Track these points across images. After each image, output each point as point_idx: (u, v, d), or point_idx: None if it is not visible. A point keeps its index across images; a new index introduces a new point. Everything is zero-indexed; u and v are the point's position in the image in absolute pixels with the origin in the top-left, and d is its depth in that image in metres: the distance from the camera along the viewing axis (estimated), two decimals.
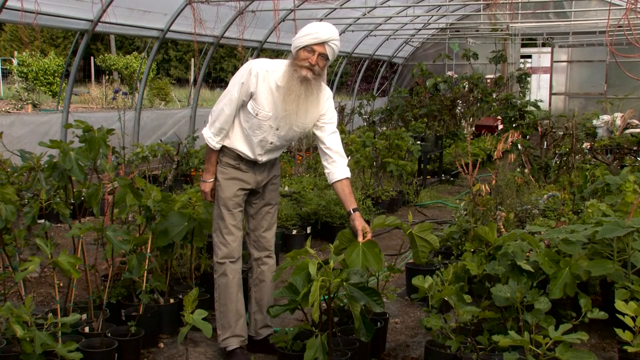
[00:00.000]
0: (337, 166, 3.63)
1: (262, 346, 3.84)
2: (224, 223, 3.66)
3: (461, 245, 4.87)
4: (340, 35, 3.55)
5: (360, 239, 3.43)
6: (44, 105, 18.48)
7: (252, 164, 3.67)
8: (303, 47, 3.40)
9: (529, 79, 17.87)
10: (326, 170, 3.67)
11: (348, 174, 3.65)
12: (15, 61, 21.72)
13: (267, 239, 3.82)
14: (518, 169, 7.89)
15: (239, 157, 3.64)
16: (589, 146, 8.33)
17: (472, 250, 3.92)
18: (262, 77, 3.47)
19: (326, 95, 3.61)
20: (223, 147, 3.64)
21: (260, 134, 3.56)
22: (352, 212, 3.54)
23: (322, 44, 3.40)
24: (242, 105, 3.54)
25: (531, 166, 7.56)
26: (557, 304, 3.52)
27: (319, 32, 3.38)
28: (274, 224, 3.86)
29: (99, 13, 8.70)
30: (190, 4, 9.74)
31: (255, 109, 3.51)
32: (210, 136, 3.61)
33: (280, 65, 3.52)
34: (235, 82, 3.52)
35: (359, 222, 3.49)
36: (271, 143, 3.61)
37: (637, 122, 13.02)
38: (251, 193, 3.76)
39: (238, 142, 3.60)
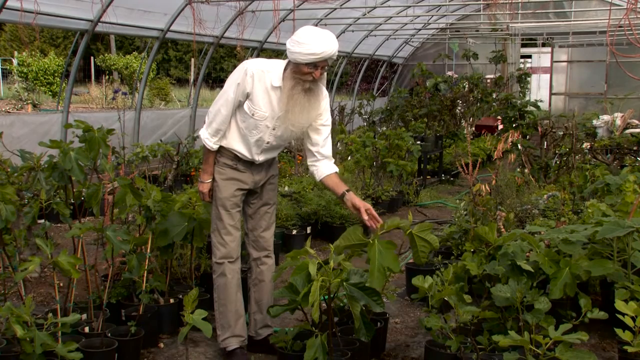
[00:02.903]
0: (326, 163, 3.69)
1: (262, 346, 3.84)
2: (222, 223, 3.66)
3: (461, 245, 4.87)
4: (340, 35, 3.56)
5: (364, 216, 3.45)
6: (44, 105, 18.46)
7: (250, 164, 3.67)
8: (306, 64, 3.37)
9: (529, 79, 17.87)
10: (313, 168, 3.71)
11: (336, 169, 3.71)
12: (15, 61, 21.71)
13: (266, 238, 3.82)
14: (518, 169, 7.89)
15: (237, 157, 3.64)
16: (589, 146, 8.33)
17: (472, 250, 3.92)
18: (257, 77, 3.47)
19: (323, 94, 3.62)
20: (220, 147, 3.64)
21: (256, 134, 3.57)
22: (345, 193, 3.58)
23: (326, 60, 3.39)
24: (239, 106, 3.55)
25: (531, 166, 7.56)
26: (557, 304, 3.52)
27: (324, 51, 3.31)
28: (273, 223, 3.87)
29: (99, 13, 8.70)
30: (190, 4, 9.74)
31: (251, 109, 3.51)
32: (207, 137, 3.61)
33: (275, 65, 3.52)
34: (231, 83, 3.52)
35: (357, 200, 3.54)
36: (267, 143, 3.61)
37: (637, 122, 13.01)
38: (249, 193, 3.76)
39: (235, 142, 3.61)
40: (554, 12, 16.43)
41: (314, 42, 3.31)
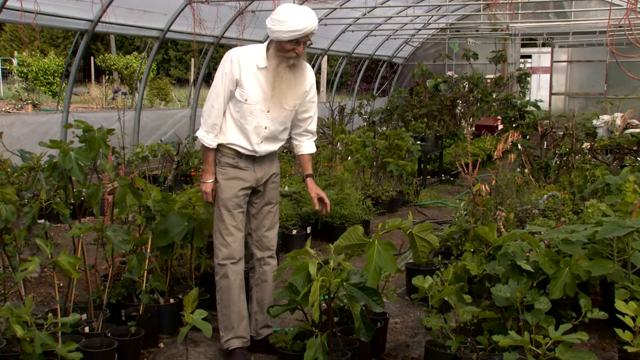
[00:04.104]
0: (309, 141, 3.91)
1: (262, 346, 3.83)
2: (224, 224, 3.66)
3: (461, 245, 4.86)
4: (340, 35, 3.60)
5: (316, 206, 3.76)
6: (44, 105, 18.47)
7: (251, 159, 3.67)
8: (288, 41, 3.43)
9: (529, 79, 17.87)
10: (295, 142, 3.91)
11: (314, 149, 3.94)
12: (15, 61, 21.71)
13: (270, 238, 3.82)
14: (518, 169, 7.89)
15: (238, 154, 3.64)
16: (589, 146, 8.33)
17: (472, 250, 3.92)
18: (243, 62, 3.53)
19: (308, 70, 3.70)
20: (220, 146, 3.64)
21: (252, 120, 3.58)
22: (306, 177, 3.87)
23: (307, 35, 3.44)
24: (230, 97, 3.58)
25: (531, 166, 7.56)
26: (557, 304, 3.52)
27: (305, 27, 3.39)
28: (276, 223, 3.87)
29: (99, 13, 8.70)
30: (190, 4, 9.74)
31: (243, 95, 3.54)
32: (204, 135, 3.62)
33: (257, 48, 3.59)
34: (219, 75, 3.57)
35: (312, 187, 3.82)
36: (265, 128, 3.63)
37: (637, 122, 13.01)
38: (252, 193, 3.76)
39: (233, 136, 3.61)
40: (554, 12, 16.43)
41: (294, 18, 3.38)
